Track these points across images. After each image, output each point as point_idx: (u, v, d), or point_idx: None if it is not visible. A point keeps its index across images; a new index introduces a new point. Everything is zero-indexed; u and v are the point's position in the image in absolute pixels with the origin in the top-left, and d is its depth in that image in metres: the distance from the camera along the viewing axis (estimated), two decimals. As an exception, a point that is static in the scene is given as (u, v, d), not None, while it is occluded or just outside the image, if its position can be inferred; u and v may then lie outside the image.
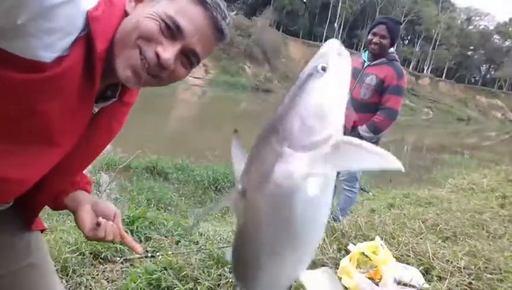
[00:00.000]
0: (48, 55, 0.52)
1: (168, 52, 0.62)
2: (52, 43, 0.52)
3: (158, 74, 0.65)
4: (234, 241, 0.56)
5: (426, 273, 1.94)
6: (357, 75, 2.86)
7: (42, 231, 0.90)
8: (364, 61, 2.87)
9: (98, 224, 0.79)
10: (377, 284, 1.72)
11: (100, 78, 0.61)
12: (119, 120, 0.77)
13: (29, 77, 0.52)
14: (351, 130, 2.81)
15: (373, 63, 2.81)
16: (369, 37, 2.81)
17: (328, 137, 0.44)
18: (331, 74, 0.46)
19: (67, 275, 1.75)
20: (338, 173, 3.02)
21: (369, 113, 2.75)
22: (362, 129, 2.75)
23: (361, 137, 2.76)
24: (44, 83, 0.53)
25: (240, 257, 0.55)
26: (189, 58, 0.67)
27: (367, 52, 2.87)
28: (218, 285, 1.71)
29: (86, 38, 0.57)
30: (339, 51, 0.48)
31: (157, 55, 0.62)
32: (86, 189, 0.87)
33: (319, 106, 0.46)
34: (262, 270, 0.51)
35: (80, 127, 0.64)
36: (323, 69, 0.46)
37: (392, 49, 2.83)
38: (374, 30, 2.77)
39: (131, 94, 0.76)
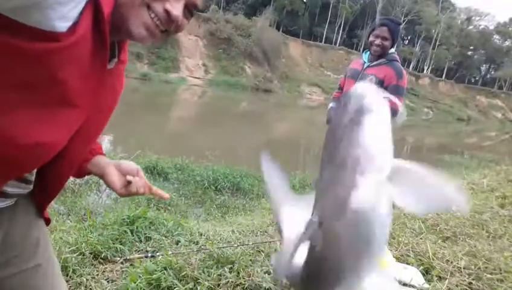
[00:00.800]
0: (63, 25, 0.55)
1: (176, 8, 0.68)
2: (66, 13, 0.55)
3: (167, 29, 0.70)
4: (308, 267, 0.59)
5: (426, 273, 1.94)
6: (357, 76, 2.86)
7: (47, 223, 0.91)
8: (364, 62, 2.87)
9: (129, 182, 0.87)
10: (377, 284, 1.72)
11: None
12: (120, 79, 0.80)
13: (47, 46, 0.54)
14: None
15: (373, 63, 2.81)
16: (371, 38, 2.79)
17: (388, 162, 0.53)
18: (378, 113, 0.54)
19: (67, 275, 1.75)
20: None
21: None
22: None
23: None
24: (61, 51, 0.56)
25: (315, 281, 0.59)
26: (190, 10, 0.72)
27: (368, 53, 2.86)
28: (218, 285, 1.71)
29: (93, 4, 0.59)
30: (376, 91, 0.56)
31: (167, 12, 0.66)
32: (101, 154, 0.92)
33: (378, 140, 0.54)
34: (345, 284, 0.56)
35: (94, 89, 0.67)
36: (371, 110, 0.53)
37: (392, 50, 2.82)
38: (376, 32, 2.76)
39: (125, 52, 0.79)
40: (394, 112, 2.44)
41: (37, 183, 0.78)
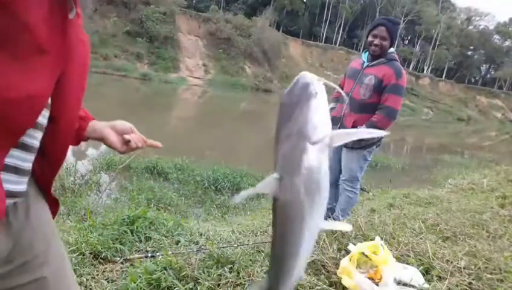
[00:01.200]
0: None
1: None
2: None
3: None
4: (276, 213, 0.77)
5: (426, 273, 1.94)
6: (356, 75, 2.86)
7: (56, 205, 0.88)
8: (364, 62, 2.88)
9: (128, 140, 0.97)
10: (377, 284, 1.72)
11: None
12: (83, 32, 0.78)
13: None
14: None
15: (372, 63, 2.81)
16: (370, 38, 2.80)
17: (328, 133, 0.74)
18: (321, 94, 0.73)
19: (67, 275, 1.75)
20: (339, 173, 3.02)
21: (369, 114, 2.74)
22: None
23: None
24: None
25: (283, 227, 0.77)
26: None
27: (367, 53, 2.87)
28: (218, 285, 1.71)
29: None
30: (318, 79, 0.74)
31: None
32: (93, 119, 0.98)
33: (321, 116, 0.74)
34: (305, 232, 0.75)
35: (62, 37, 0.66)
36: (316, 93, 0.72)
37: (391, 49, 2.82)
38: (374, 32, 2.76)
39: (78, 6, 0.75)
40: (394, 111, 2.45)
41: (39, 161, 0.76)
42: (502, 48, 64.11)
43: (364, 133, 0.80)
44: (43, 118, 0.69)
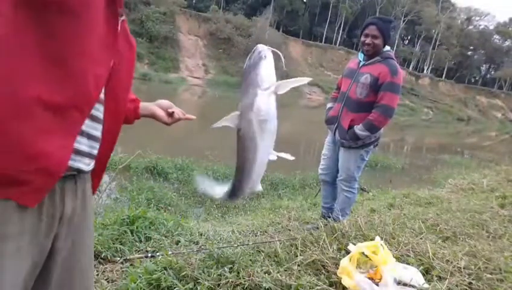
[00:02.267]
0: None
1: None
2: None
3: None
4: (239, 144, 1.12)
5: (426, 273, 1.94)
6: (353, 75, 2.86)
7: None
8: (360, 62, 2.88)
9: (172, 113, 1.25)
10: (377, 284, 1.72)
11: None
12: (128, 33, 0.94)
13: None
14: (347, 129, 2.79)
15: (367, 62, 2.82)
16: (362, 38, 2.82)
17: (273, 83, 1.09)
18: (269, 58, 1.09)
19: (67, 275, 1.75)
20: (337, 173, 3.02)
21: (366, 113, 2.74)
22: (358, 128, 2.73)
23: (357, 136, 2.76)
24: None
25: (243, 147, 1.12)
26: None
27: (363, 52, 2.88)
28: (218, 285, 1.71)
29: None
30: (268, 48, 1.10)
31: None
32: (140, 101, 1.20)
33: (267, 72, 1.09)
34: (259, 151, 1.12)
35: (115, 35, 0.83)
36: (265, 56, 1.08)
37: (387, 48, 2.83)
38: (366, 31, 2.78)
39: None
40: (390, 109, 2.46)
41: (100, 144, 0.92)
42: (502, 48, 64.10)
43: (304, 80, 1.14)
44: (102, 95, 0.87)
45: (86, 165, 0.87)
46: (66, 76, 0.74)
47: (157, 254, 2.02)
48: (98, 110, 0.87)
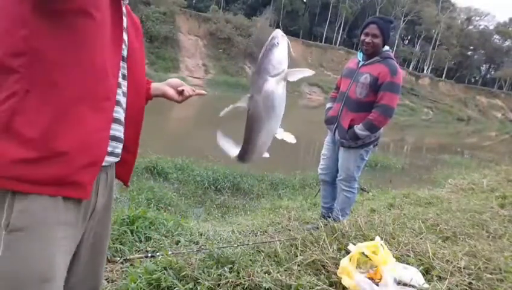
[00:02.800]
0: None
1: None
2: None
3: None
4: (247, 121, 1.20)
5: (426, 273, 1.94)
6: (352, 75, 2.86)
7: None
8: (359, 61, 2.88)
9: (182, 91, 1.29)
10: (377, 284, 1.72)
11: None
12: (131, 13, 1.05)
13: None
14: (347, 129, 2.79)
15: (367, 62, 2.81)
16: (362, 37, 2.81)
17: (283, 70, 1.14)
18: (281, 45, 1.12)
19: (67, 275, 1.75)
20: (336, 173, 3.02)
21: (366, 112, 2.74)
22: (358, 128, 2.73)
23: (357, 136, 2.76)
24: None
25: (250, 126, 1.21)
26: None
27: (362, 52, 2.87)
28: (218, 285, 1.71)
29: None
30: (282, 34, 1.13)
31: None
32: (152, 82, 1.27)
33: (279, 59, 1.13)
34: (263, 130, 1.20)
35: (120, 23, 0.91)
36: (277, 43, 1.12)
37: (386, 47, 2.82)
38: (366, 30, 2.77)
39: None
40: (390, 109, 2.47)
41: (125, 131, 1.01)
42: (502, 48, 64.04)
43: (310, 71, 1.18)
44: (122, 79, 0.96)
45: (120, 149, 0.98)
46: (95, 72, 0.83)
47: (157, 254, 2.02)
48: (121, 95, 0.96)
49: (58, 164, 0.80)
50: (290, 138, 1.25)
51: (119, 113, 0.96)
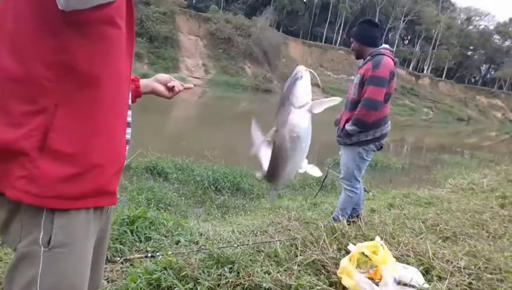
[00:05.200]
0: None
1: None
2: None
3: None
4: (272, 154, 1.24)
5: (426, 273, 1.94)
6: (353, 78, 3.03)
7: None
8: (359, 66, 3.04)
9: (171, 87, 1.25)
10: (377, 284, 1.72)
11: None
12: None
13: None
14: (342, 128, 2.91)
15: (362, 64, 3.00)
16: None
17: (307, 102, 1.16)
18: (305, 78, 1.15)
19: (67, 275, 1.75)
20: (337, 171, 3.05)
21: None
22: (347, 124, 2.85)
23: (347, 132, 2.85)
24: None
25: (275, 158, 1.23)
26: None
27: None
28: (218, 285, 1.71)
29: None
30: (306, 69, 1.16)
31: None
32: (139, 80, 1.23)
33: (302, 91, 1.15)
34: (289, 163, 1.22)
35: (132, 31, 0.92)
36: (301, 76, 1.15)
37: (384, 45, 2.91)
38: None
39: None
40: (371, 101, 2.52)
41: None
42: (502, 48, 63.98)
43: (336, 100, 1.16)
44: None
45: (127, 152, 0.97)
46: (120, 80, 0.85)
47: (157, 254, 2.02)
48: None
49: (95, 176, 0.80)
50: (315, 171, 1.27)
51: (129, 115, 0.96)
